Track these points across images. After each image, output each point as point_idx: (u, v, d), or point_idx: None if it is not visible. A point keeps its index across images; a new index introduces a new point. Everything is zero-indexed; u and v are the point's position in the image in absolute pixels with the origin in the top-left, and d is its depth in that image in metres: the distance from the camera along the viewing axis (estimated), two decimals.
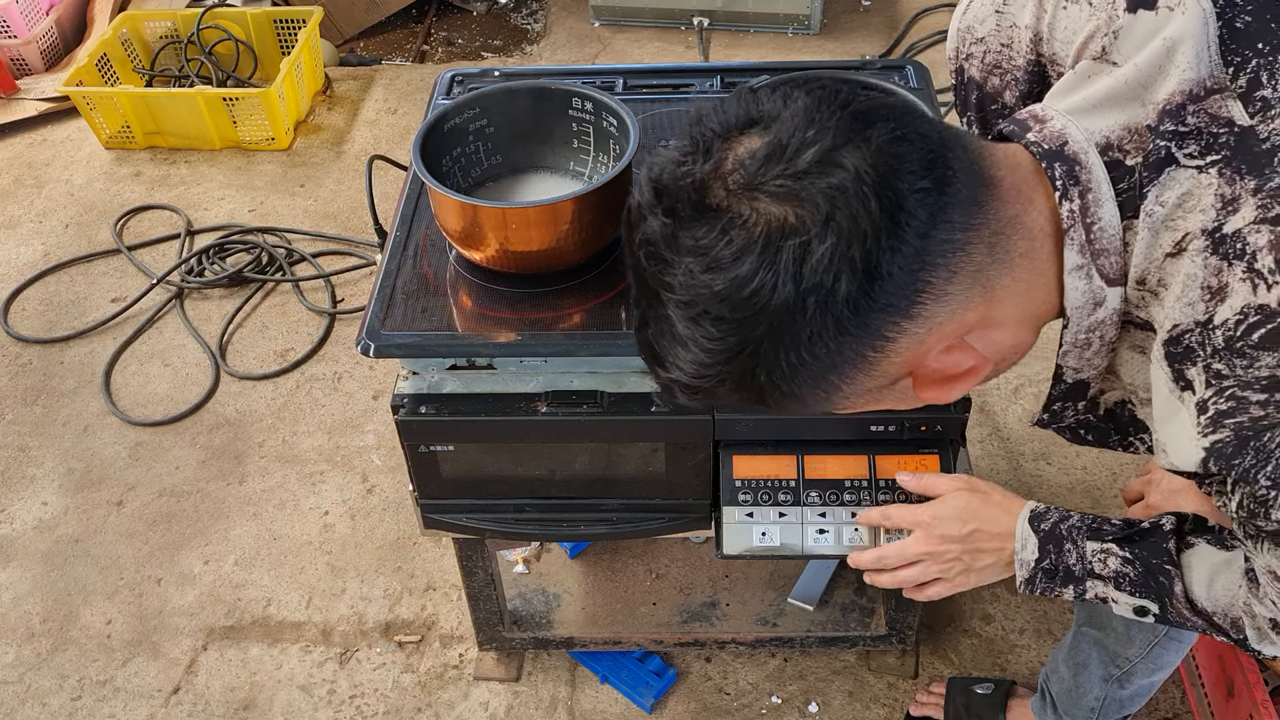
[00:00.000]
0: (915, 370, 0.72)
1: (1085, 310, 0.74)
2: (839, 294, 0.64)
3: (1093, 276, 0.72)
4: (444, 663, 1.62)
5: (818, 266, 0.64)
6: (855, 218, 0.63)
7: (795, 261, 0.64)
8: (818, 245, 0.63)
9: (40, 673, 1.64)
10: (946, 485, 1.06)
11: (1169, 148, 0.69)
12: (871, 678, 1.56)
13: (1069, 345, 0.78)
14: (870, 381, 0.72)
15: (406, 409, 1.14)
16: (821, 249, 0.63)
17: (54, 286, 2.32)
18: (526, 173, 1.26)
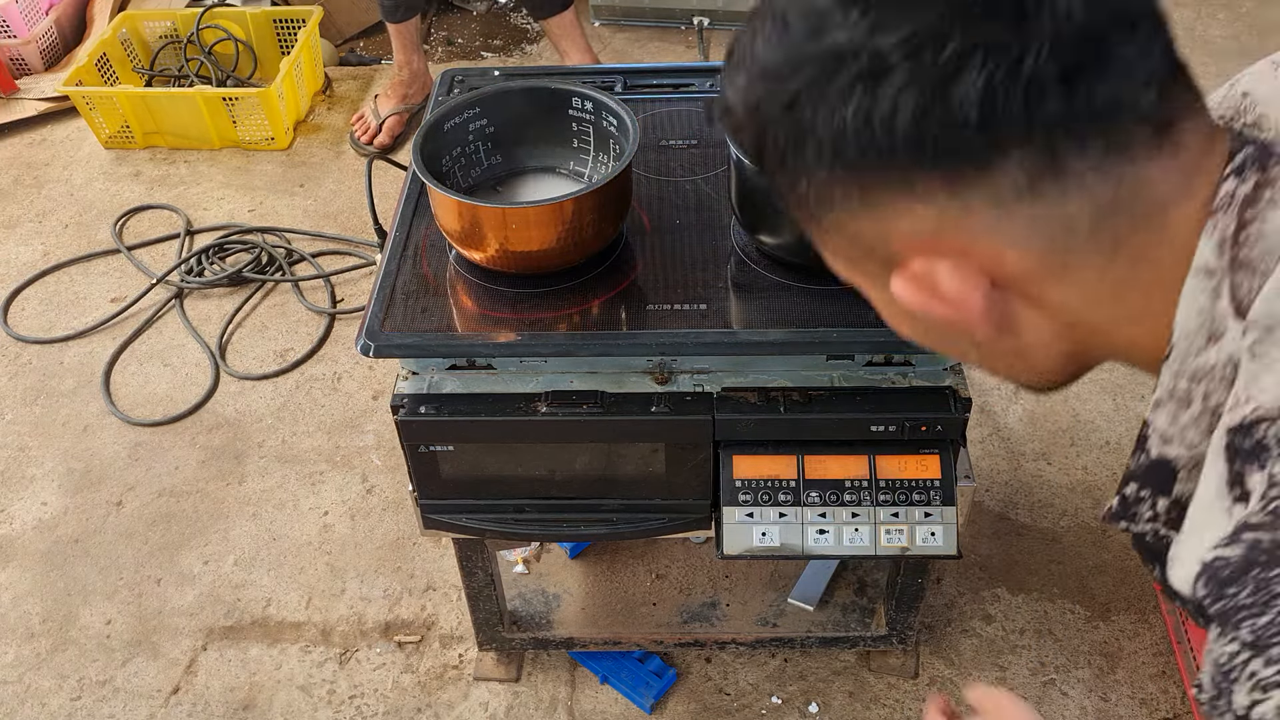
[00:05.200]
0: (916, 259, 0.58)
1: (1195, 342, 0.55)
2: (894, 78, 0.51)
3: (1222, 294, 0.53)
4: (444, 663, 1.62)
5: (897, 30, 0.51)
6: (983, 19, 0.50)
7: (884, 9, 0.51)
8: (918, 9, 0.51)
9: (40, 673, 1.64)
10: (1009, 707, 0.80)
11: None
12: (872, 678, 1.56)
13: (1163, 392, 0.57)
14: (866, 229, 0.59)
15: (406, 409, 1.14)
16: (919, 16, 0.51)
17: (53, 286, 2.32)
18: (526, 173, 1.26)
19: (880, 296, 0.65)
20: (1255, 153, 0.54)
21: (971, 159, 0.53)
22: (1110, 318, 0.58)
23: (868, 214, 0.57)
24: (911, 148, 0.53)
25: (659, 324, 1.11)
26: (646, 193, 1.27)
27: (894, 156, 0.53)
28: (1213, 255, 0.53)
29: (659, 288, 1.15)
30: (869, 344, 1.12)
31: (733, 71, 0.59)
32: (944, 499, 1.15)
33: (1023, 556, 1.70)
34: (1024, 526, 1.74)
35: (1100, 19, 0.51)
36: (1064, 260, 0.55)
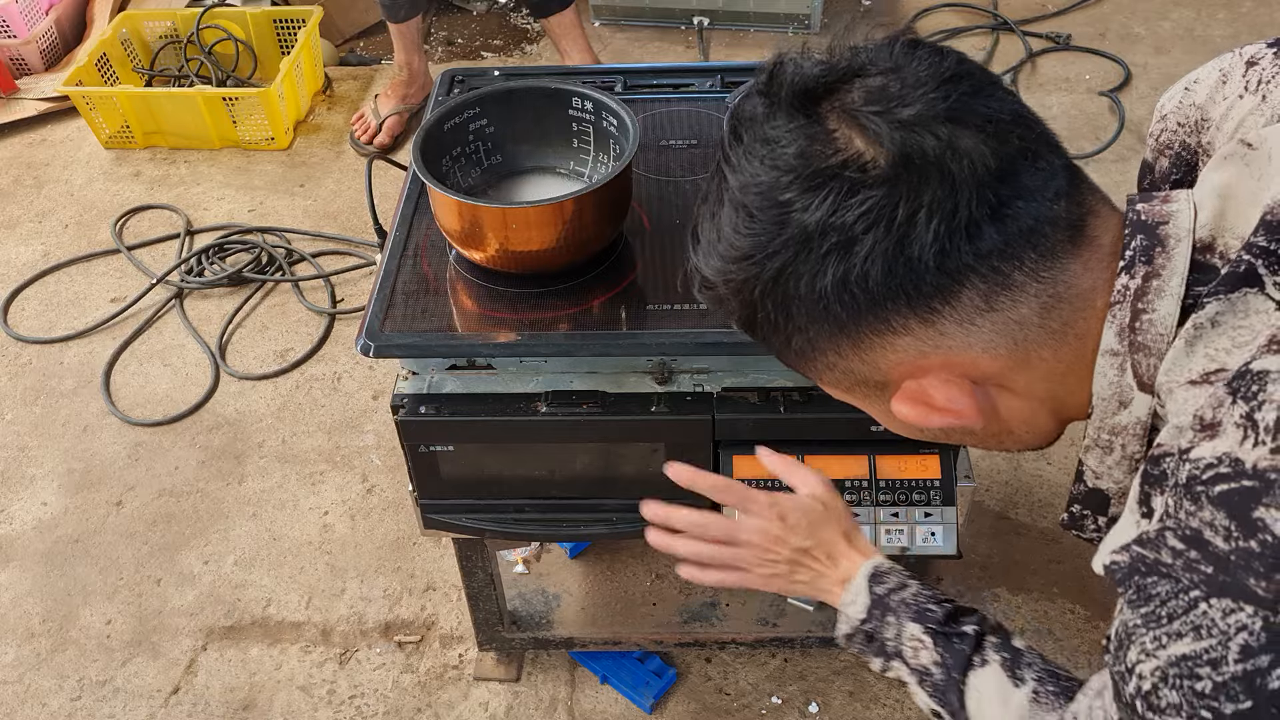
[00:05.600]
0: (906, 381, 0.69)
1: (1110, 406, 0.68)
2: (861, 247, 0.62)
3: (1125, 371, 0.66)
4: (444, 663, 1.62)
5: (855, 208, 0.61)
6: (919, 188, 0.61)
7: (839, 194, 0.62)
8: (867, 190, 0.61)
9: (40, 673, 1.64)
10: (810, 486, 0.97)
11: (1255, 265, 0.61)
12: (872, 678, 1.56)
13: (1090, 441, 0.71)
14: (856, 365, 0.69)
15: (406, 409, 1.14)
16: (869, 196, 0.61)
17: (53, 286, 2.32)
18: (526, 173, 1.26)
19: (879, 410, 0.75)
20: (1142, 243, 0.65)
21: (936, 294, 0.63)
22: (1067, 389, 0.69)
23: (856, 354, 0.68)
24: (885, 297, 0.64)
25: (659, 324, 1.11)
26: (646, 193, 1.27)
27: (872, 306, 0.64)
28: (1115, 341, 0.65)
29: (659, 288, 1.15)
30: None
31: (706, 255, 0.70)
32: (944, 499, 1.15)
33: (1023, 556, 1.70)
34: (1024, 526, 1.74)
35: (1008, 160, 0.62)
36: (1025, 352, 0.66)
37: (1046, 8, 3.01)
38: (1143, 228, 0.65)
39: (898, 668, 0.90)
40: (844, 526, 0.95)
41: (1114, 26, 2.93)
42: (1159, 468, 0.63)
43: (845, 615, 0.93)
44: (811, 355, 0.70)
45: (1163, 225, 0.65)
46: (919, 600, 0.89)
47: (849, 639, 0.93)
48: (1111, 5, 3.02)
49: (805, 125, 0.64)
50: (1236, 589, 0.55)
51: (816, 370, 0.72)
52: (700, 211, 0.72)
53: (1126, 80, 2.71)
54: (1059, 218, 0.64)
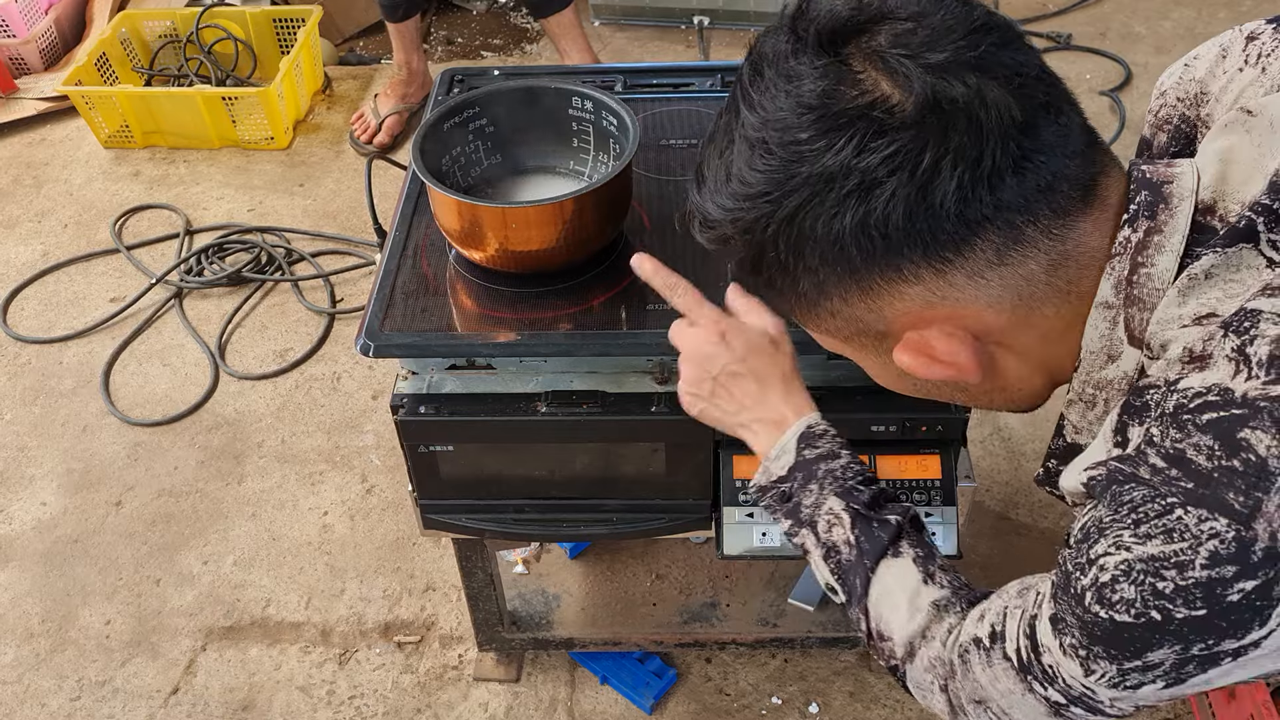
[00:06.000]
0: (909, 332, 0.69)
1: (1098, 360, 0.69)
2: (883, 191, 0.61)
3: (1117, 324, 0.67)
4: (443, 663, 1.61)
5: (880, 151, 0.61)
6: (945, 134, 0.60)
7: (864, 136, 0.61)
8: (894, 133, 0.61)
9: (39, 673, 1.64)
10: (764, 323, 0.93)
11: (1255, 222, 0.62)
12: (872, 678, 1.56)
13: (1074, 395, 0.72)
14: (862, 312, 0.68)
15: (406, 409, 1.14)
16: (896, 139, 0.61)
17: (53, 286, 2.32)
18: (526, 172, 1.26)
19: (874, 363, 0.75)
20: (1146, 199, 0.65)
21: (951, 244, 0.63)
22: (1065, 348, 0.69)
23: (863, 301, 0.68)
24: (902, 243, 0.63)
25: (659, 324, 1.10)
26: (646, 192, 1.26)
27: (887, 252, 0.64)
28: (1111, 293, 0.66)
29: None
30: None
31: (713, 193, 0.69)
32: (945, 499, 1.14)
33: (1023, 557, 1.70)
34: (1024, 526, 1.74)
35: (1032, 113, 0.62)
36: (1028, 308, 0.67)
37: (1047, 7, 3.01)
38: (1148, 185, 0.66)
39: (805, 536, 0.87)
40: (785, 368, 0.92)
41: (1115, 26, 2.93)
42: (1141, 399, 0.64)
43: (765, 468, 0.90)
44: (816, 300, 0.69)
45: (1167, 185, 0.66)
46: (847, 475, 0.86)
47: (762, 491, 0.90)
48: (1112, 5, 3.02)
49: (831, 64, 0.63)
50: (1214, 501, 0.56)
51: (818, 317, 0.71)
52: (707, 151, 0.71)
53: (1127, 80, 2.71)
54: (1074, 175, 0.64)
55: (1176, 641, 0.59)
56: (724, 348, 0.91)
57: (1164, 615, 0.58)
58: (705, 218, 0.70)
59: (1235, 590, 0.56)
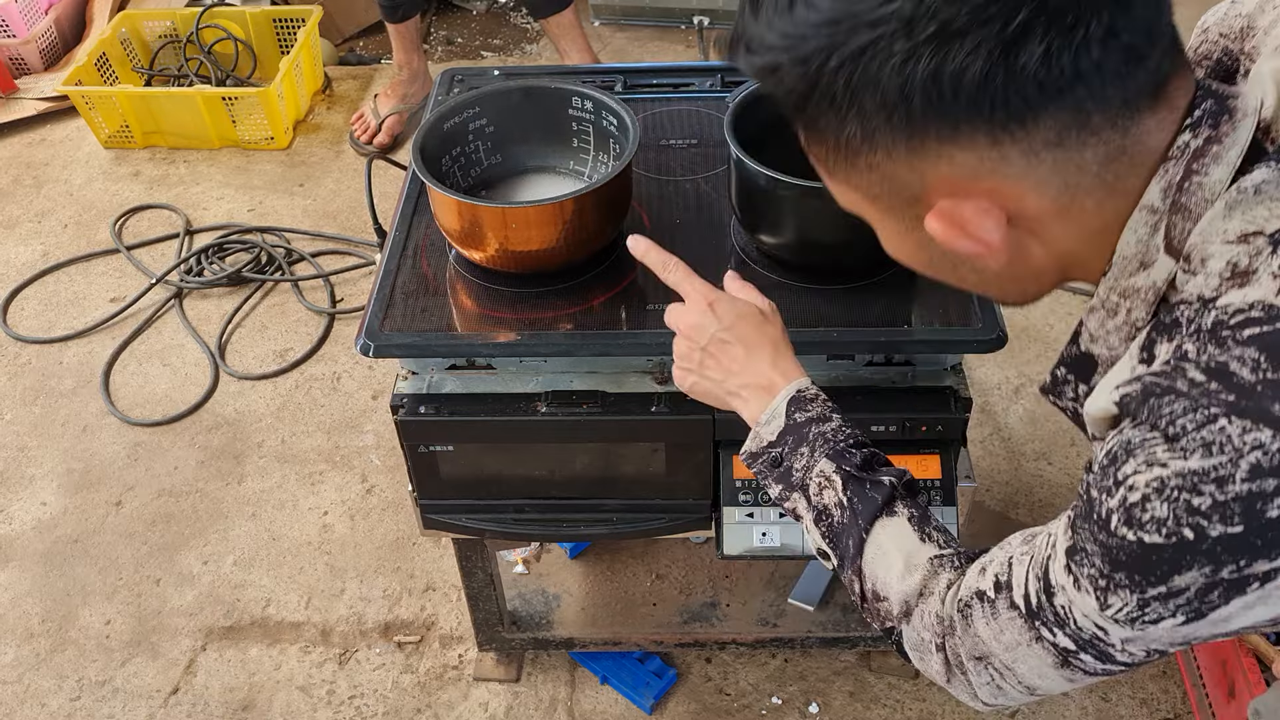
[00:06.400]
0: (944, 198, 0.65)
1: (1130, 265, 0.65)
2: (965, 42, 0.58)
3: (1158, 230, 0.64)
4: (443, 663, 1.61)
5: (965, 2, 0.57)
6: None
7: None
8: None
9: (39, 673, 1.64)
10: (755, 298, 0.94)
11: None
12: (872, 678, 1.56)
13: (1098, 301, 0.69)
14: (904, 171, 0.64)
15: (406, 409, 1.14)
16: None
17: (53, 286, 2.32)
18: (526, 172, 1.26)
19: (894, 228, 0.71)
20: (1211, 107, 0.63)
21: (1018, 114, 0.59)
22: (1094, 248, 0.67)
23: (908, 159, 0.64)
24: (971, 103, 0.59)
25: (659, 324, 1.09)
26: (646, 192, 1.26)
27: (951, 109, 0.60)
28: (1158, 197, 0.63)
29: (659, 287, 1.14)
30: (869, 344, 1.12)
31: (772, 16, 0.63)
32: (945, 499, 1.14)
33: None
34: (1024, 526, 1.74)
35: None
36: (1071, 199, 0.63)
37: None
38: (1214, 95, 0.64)
39: (796, 500, 0.87)
40: (774, 338, 0.91)
41: None
42: (1172, 315, 0.62)
43: (756, 433, 0.89)
44: (858, 150, 0.65)
45: (1232, 99, 0.64)
46: (838, 438, 0.86)
47: (753, 457, 0.90)
48: None
49: None
50: (1258, 411, 0.55)
51: (853, 169, 0.67)
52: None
53: None
54: (1152, 66, 0.61)
55: (1207, 562, 0.57)
56: (711, 317, 0.91)
57: (1197, 533, 0.56)
58: (759, 42, 0.65)
59: (1276, 505, 0.54)
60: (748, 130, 1.10)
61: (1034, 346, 2.02)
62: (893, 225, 0.71)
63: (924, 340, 1.11)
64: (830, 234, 1.12)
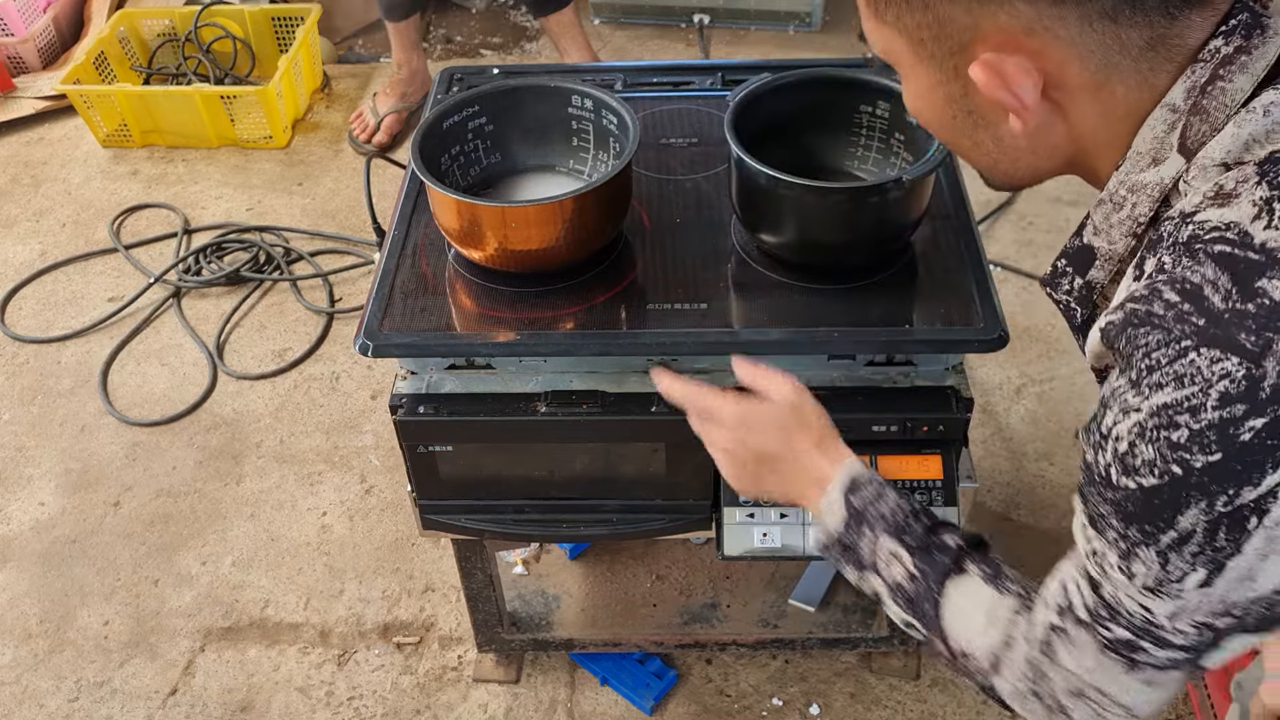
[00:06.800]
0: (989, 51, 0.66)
1: (1143, 160, 0.68)
2: None
3: (1175, 128, 0.66)
4: (443, 664, 1.61)
5: None
6: None
7: None
8: None
9: (37, 674, 1.63)
10: (781, 393, 0.95)
11: None
12: (873, 679, 1.56)
13: (1106, 194, 0.71)
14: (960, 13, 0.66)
15: (405, 409, 1.13)
16: None
17: (51, 285, 2.31)
18: (526, 171, 1.25)
19: (926, 80, 0.72)
20: (1245, 19, 0.64)
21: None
22: (1109, 136, 0.69)
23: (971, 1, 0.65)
24: None
25: (659, 323, 1.10)
26: (646, 191, 1.26)
27: None
28: (1181, 97, 0.65)
29: (659, 287, 1.14)
30: (870, 344, 1.11)
31: None
32: (946, 499, 1.14)
33: (1024, 557, 1.69)
34: (1025, 527, 1.74)
35: None
36: (1107, 76, 0.65)
37: None
38: (1250, 9, 0.65)
39: (872, 579, 0.89)
40: (816, 430, 0.93)
41: None
42: (1158, 230, 0.65)
43: (823, 525, 0.92)
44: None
45: (1266, 17, 0.65)
46: (897, 514, 0.88)
47: (825, 549, 0.92)
48: None
49: None
50: (1225, 340, 0.58)
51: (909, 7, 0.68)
52: None
53: None
54: None
55: (1201, 495, 0.60)
56: (751, 433, 0.94)
57: (1184, 467, 0.59)
58: None
59: (1246, 429, 0.57)
60: (748, 129, 1.10)
61: (1036, 346, 2.02)
62: (927, 76, 0.72)
63: (925, 340, 1.10)
64: (831, 234, 1.11)
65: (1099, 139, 0.69)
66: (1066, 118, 0.69)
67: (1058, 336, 2.01)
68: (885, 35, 0.72)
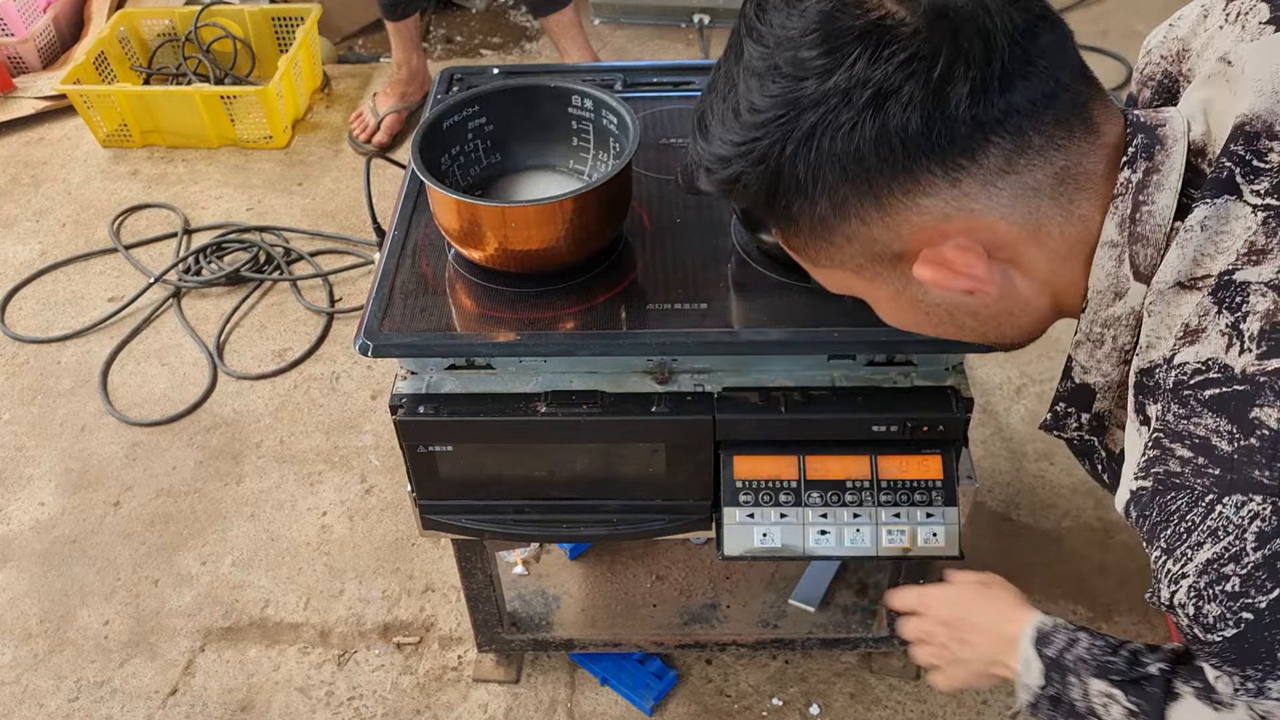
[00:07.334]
0: (923, 248, 0.70)
1: (1106, 298, 0.71)
2: (899, 98, 0.63)
3: (1123, 261, 0.69)
4: (443, 664, 1.61)
5: (894, 59, 0.63)
6: (956, 39, 0.62)
7: (876, 46, 0.63)
8: (906, 42, 0.63)
9: (37, 673, 1.63)
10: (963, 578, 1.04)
11: (1234, 173, 0.66)
12: (873, 680, 1.56)
13: (1082, 335, 0.75)
14: (880, 232, 0.69)
15: (405, 409, 1.13)
16: (908, 47, 0.63)
17: (51, 285, 2.31)
18: (526, 171, 1.25)
19: (886, 292, 0.76)
20: (1142, 141, 0.68)
21: (966, 150, 0.65)
22: (1068, 274, 0.72)
23: (882, 218, 0.68)
24: (920, 151, 0.65)
25: (659, 323, 1.10)
26: (646, 191, 1.26)
27: (906, 161, 0.65)
28: (1115, 232, 0.69)
29: (659, 287, 1.14)
30: (870, 343, 1.11)
31: (723, 133, 0.70)
32: (946, 499, 1.14)
33: (1024, 557, 1.70)
34: (1025, 527, 1.74)
35: (1030, 20, 0.65)
36: (1036, 225, 0.68)
37: None
38: (1143, 128, 0.69)
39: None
40: (1000, 597, 0.99)
41: (1116, 25, 2.92)
42: (1152, 378, 0.68)
43: (1024, 684, 0.92)
44: (833, 226, 0.70)
45: (1160, 128, 0.69)
46: (1094, 653, 0.88)
47: (1034, 708, 0.92)
48: (1113, 3, 3.01)
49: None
50: (1244, 482, 0.60)
51: (833, 245, 0.72)
52: (707, 100, 0.73)
53: (1129, 79, 2.70)
54: (1073, 88, 0.66)
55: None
56: (936, 607, 1.02)
57: (1253, 612, 0.61)
58: (716, 159, 0.71)
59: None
60: None
61: (1035, 346, 2.00)
62: (885, 290, 0.76)
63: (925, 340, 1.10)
64: None
65: (1059, 280, 0.72)
66: (1022, 271, 0.71)
67: (1057, 336, 2.00)
68: (829, 275, 0.76)
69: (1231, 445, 0.60)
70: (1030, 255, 0.70)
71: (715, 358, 1.13)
